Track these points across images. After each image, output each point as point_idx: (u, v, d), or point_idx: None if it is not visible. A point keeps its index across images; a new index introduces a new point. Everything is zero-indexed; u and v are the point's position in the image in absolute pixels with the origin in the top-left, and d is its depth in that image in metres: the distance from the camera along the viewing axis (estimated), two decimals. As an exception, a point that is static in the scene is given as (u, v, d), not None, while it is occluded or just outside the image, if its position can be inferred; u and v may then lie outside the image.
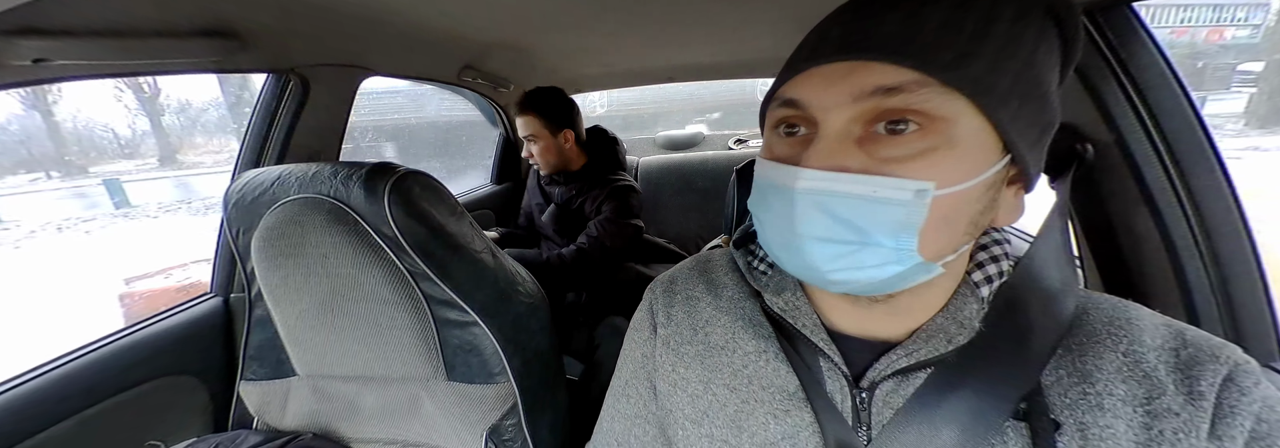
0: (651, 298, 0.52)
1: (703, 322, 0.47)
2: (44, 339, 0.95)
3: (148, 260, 3.62)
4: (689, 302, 0.49)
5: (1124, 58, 0.63)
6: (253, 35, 0.83)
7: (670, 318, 0.49)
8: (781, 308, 0.42)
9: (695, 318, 0.48)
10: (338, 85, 1.11)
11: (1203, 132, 0.61)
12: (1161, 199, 0.63)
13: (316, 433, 0.78)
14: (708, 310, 0.47)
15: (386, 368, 0.74)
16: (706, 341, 0.46)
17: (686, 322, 0.48)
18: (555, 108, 1.41)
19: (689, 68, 1.83)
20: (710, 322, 0.47)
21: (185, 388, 0.94)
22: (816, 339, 0.40)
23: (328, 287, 0.71)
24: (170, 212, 5.45)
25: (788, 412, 0.40)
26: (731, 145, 2.68)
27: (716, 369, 0.44)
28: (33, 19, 0.59)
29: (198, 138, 6.76)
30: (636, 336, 0.52)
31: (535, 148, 1.43)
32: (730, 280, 0.49)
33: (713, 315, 0.47)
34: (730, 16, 1.15)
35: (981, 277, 0.38)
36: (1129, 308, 0.38)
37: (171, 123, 6.59)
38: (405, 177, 0.69)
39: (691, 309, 0.48)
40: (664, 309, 0.50)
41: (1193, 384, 0.32)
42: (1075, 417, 0.34)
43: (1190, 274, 0.62)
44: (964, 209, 0.32)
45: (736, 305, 0.47)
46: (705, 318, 0.47)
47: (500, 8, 0.98)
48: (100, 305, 3.13)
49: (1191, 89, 0.62)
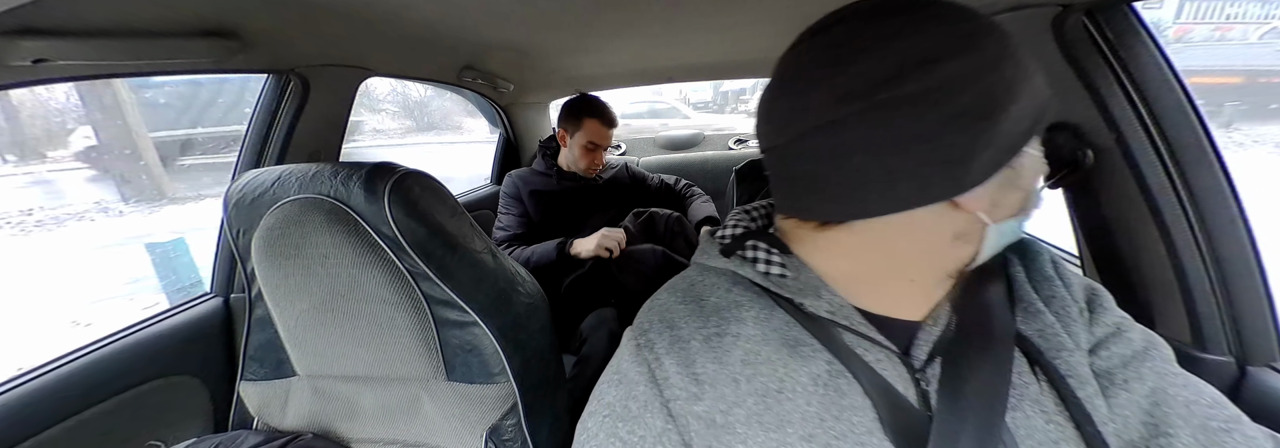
0: (650, 358, 0.40)
1: (739, 364, 0.38)
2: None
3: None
4: (711, 344, 0.39)
5: (1124, 58, 0.63)
6: (253, 35, 0.83)
7: (699, 381, 0.38)
8: (829, 310, 0.39)
9: (729, 364, 0.38)
10: (338, 85, 1.11)
11: (1203, 131, 0.61)
12: (1161, 199, 0.63)
13: (316, 433, 0.78)
14: (741, 348, 0.39)
15: (386, 368, 0.74)
16: (759, 390, 0.37)
17: (723, 375, 0.38)
18: None
19: (689, 68, 1.84)
20: (749, 360, 0.38)
21: (185, 388, 0.94)
22: (871, 334, 0.39)
23: (328, 287, 0.71)
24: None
25: (871, 432, 0.36)
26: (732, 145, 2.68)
27: (784, 422, 0.36)
28: (33, 19, 0.59)
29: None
30: (646, 415, 0.39)
31: (599, 155, 1.54)
32: (742, 297, 0.42)
33: (750, 351, 0.39)
34: (730, 16, 1.15)
35: None
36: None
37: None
38: (405, 177, 0.69)
39: (720, 354, 0.39)
40: (682, 371, 0.38)
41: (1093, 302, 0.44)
42: (1048, 345, 0.40)
43: (1190, 274, 0.62)
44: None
45: (766, 326, 0.40)
46: (740, 357, 0.38)
47: (500, 8, 0.98)
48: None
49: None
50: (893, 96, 0.32)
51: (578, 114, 1.49)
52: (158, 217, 5.45)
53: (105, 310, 3.32)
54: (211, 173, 6.23)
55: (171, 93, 6.72)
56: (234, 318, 1.03)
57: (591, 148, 1.51)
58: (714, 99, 11.02)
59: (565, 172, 1.58)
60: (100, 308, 3.36)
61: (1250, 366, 0.61)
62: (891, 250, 0.38)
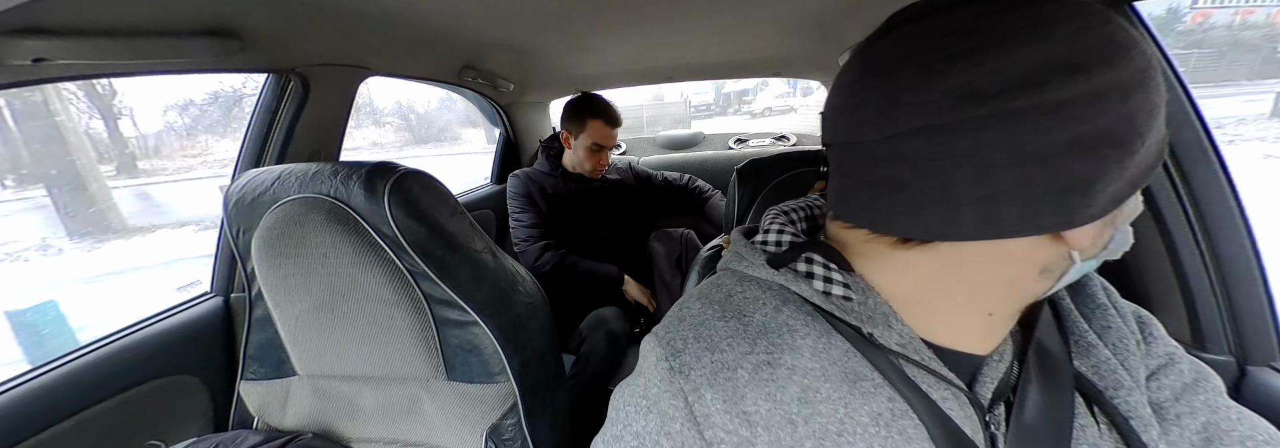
0: (688, 388, 0.33)
1: (795, 400, 0.33)
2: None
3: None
4: (760, 375, 0.33)
5: None
6: (253, 35, 0.83)
7: (749, 424, 0.32)
8: (899, 344, 0.34)
9: (784, 404, 0.32)
10: (338, 85, 1.11)
11: (1203, 131, 0.61)
12: (1161, 199, 0.63)
13: (317, 433, 0.78)
14: (796, 379, 0.33)
15: (386, 368, 0.74)
16: (819, 433, 0.32)
17: (778, 418, 0.32)
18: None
19: (689, 68, 1.84)
20: (807, 399, 0.33)
21: (186, 388, 0.94)
22: (940, 370, 0.34)
23: (328, 286, 0.71)
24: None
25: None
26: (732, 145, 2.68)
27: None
28: (33, 19, 0.59)
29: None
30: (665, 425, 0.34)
31: (604, 156, 1.52)
32: (796, 323, 0.35)
33: (808, 388, 0.33)
34: (730, 16, 1.15)
35: None
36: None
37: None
38: (405, 176, 0.69)
39: (774, 388, 0.33)
40: (727, 409, 0.32)
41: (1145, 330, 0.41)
42: (1106, 383, 0.37)
43: (1190, 274, 0.62)
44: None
45: (824, 358, 0.34)
46: (797, 393, 0.33)
47: (500, 8, 0.98)
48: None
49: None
50: (1028, 105, 0.27)
51: (581, 115, 1.46)
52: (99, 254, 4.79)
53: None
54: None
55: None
56: (234, 318, 1.03)
57: (596, 149, 1.49)
58: (716, 101, 10.97)
59: (570, 173, 1.56)
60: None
61: (1250, 365, 0.61)
62: (971, 278, 0.33)
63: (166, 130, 6.12)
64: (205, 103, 8.85)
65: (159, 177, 6.12)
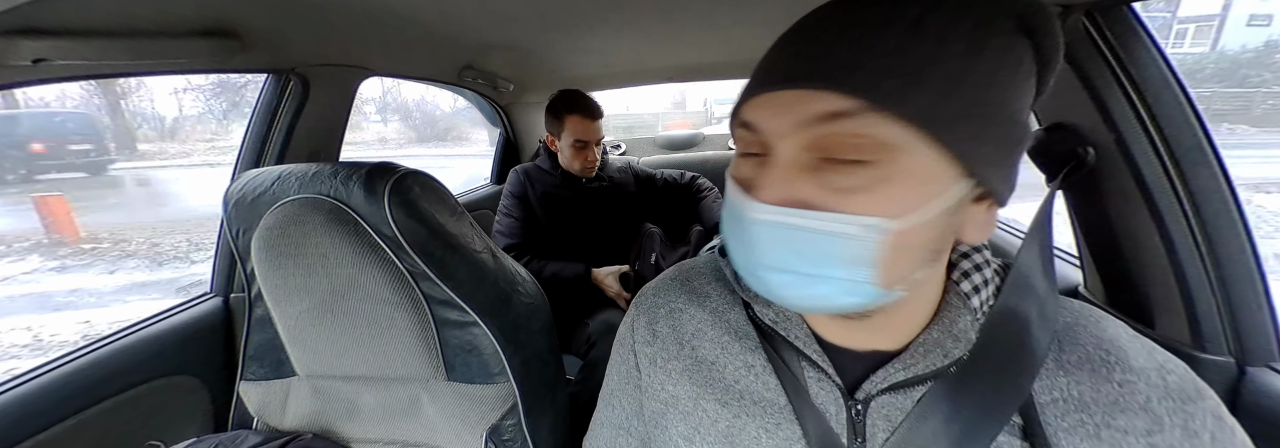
0: (634, 314, 0.50)
1: (689, 335, 0.46)
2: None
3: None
4: (672, 315, 0.47)
5: (1124, 58, 0.63)
6: (253, 35, 0.83)
7: (655, 335, 0.47)
8: (773, 319, 0.41)
9: (680, 332, 0.46)
10: (338, 85, 1.11)
11: (1203, 131, 0.61)
12: (1161, 199, 0.63)
13: (316, 433, 0.78)
14: (693, 323, 0.46)
15: (386, 368, 0.74)
16: (694, 355, 0.45)
17: (671, 336, 0.46)
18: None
19: (689, 68, 1.84)
20: (697, 335, 0.45)
21: (185, 388, 0.94)
22: (809, 351, 0.39)
23: (328, 287, 0.71)
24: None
25: (779, 425, 0.39)
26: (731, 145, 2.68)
27: (707, 385, 0.43)
28: (33, 19, 0.59)
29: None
30: (621, 347, 0.52)
31: (589, 152, 1.46)
32: (714, 290, 0.47)
33: (699, 328, 0.46)
34: (730, 16, 1.15)
35: (970, 286, 0.37)
36: (1103, 322, 0.38)
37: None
38: (405, 177, 0.69)
39: (676, 323, 0.47)
40: (646, 326, 0.48)
41: (1188, 421, 0.33)
42: (1072, 443, 0.34)
43: (1190, 274, 0.62)
44: (921, 237, 0.31)
45: (722, 316, 0.45)
46: (691, 331, 0.46)
47: (500, 8, 0.98)
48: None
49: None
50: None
51: (557, 113, 1.42)
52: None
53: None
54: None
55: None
56: (234, 318, 1.03)
57: (580, 146, 1.44)
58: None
59: (570, 174, 1.53)
60: None
61: (1250, 366, 0.61)
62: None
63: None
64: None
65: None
